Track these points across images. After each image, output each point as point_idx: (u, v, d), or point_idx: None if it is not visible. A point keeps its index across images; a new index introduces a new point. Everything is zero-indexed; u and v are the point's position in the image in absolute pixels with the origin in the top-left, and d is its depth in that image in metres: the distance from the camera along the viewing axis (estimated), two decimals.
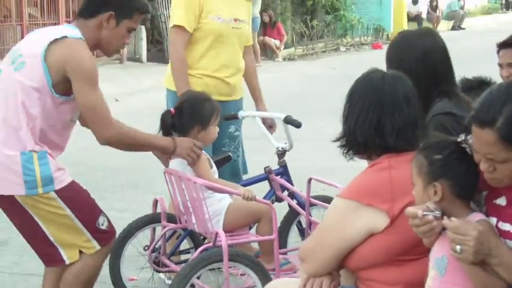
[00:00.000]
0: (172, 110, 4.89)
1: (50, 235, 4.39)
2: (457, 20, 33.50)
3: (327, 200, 5.05)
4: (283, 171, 5.54)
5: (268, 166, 5.56)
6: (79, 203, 4.42)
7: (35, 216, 4.35)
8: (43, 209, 4.33)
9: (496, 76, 5.14)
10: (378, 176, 3.36)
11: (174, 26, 5.62)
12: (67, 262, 4.45)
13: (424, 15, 31.69)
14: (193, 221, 4.80)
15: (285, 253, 5.38)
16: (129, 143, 4.56)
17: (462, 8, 34.42)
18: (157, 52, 20.56)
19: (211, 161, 4.97)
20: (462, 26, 33.41)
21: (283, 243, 5.53)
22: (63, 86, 4.30)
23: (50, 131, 4.38)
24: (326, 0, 25.36)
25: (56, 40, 4.30)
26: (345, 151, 3.55)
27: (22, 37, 15.97)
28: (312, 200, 5.13)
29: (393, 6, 27.87)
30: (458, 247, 2.89)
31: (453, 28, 32.92)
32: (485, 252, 2.89)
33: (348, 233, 3.32)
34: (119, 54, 19.22)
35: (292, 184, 5.51)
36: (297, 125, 5.41)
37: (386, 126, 3.40)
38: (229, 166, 5.74)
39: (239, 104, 5.93)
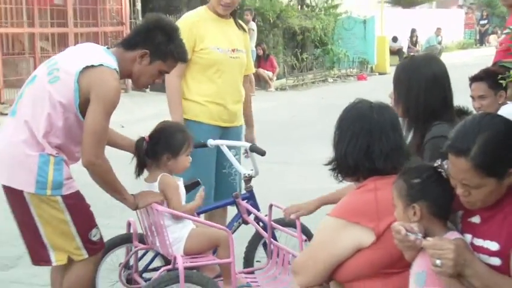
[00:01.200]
0: (146, 137, 4.80)
1: (44, 236, 4.38)
2: (435, 54, 33.50)
3: (287, 224, 5.08)
4: (250, 196, 5.43)
5: (236, 192, 5.49)
6: (79, 212, 4.42)
7: (36, 215, 4.34)
8: (45, 210, 4.33)
9: (471, 105, 5.17)
10: (364, 197, 3.39)
11: None
12: (54, 264, 4.45)
13: (405, 49, 31.73)
14: (157, 243, 4.76)
15: (252, 272, 5.31)
16: (106, 179, 4.40)
17: (440, 43, 34.44)
18: (160, 82, 20.49)
19: (182, 187, 4.87)
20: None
21: (250, 262, 5.50)
22: (85, 108, 4.27)
23: (69, 142, 4.39)
24: (315, 36, 25.35)
25: (93, 66, 4.28)
26: (336, 174, 3.58)
27: (35, 68, 16.02)
28: (273, 223, 5.12)
29: (376, 41, 27.90)
30: (438, 261, 2.91)
31: None
32: (462, 263, 2.91)
33: (338, 248, 3.36)
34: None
35: (257, 208, 5.41)
36: (261, 153, 5.36)
37: (375, 151, 3.44)
38: (228, 185, 5.73)
39: (239, 130, 5.91)
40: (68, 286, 4.53)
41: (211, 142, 5.41)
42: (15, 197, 4.36)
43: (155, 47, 4.45)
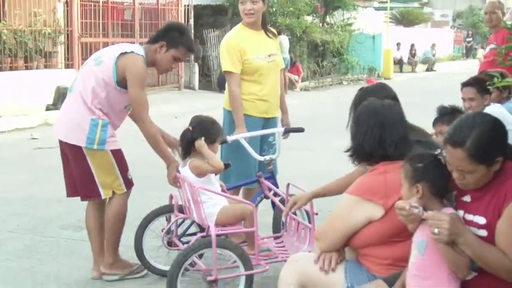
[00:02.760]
0: (190, 127, 4.79)
1: (96, 177, 4.87)
2: (430, 64, 33.25)
3: None
4: (271, 176, 5.34)
5: (260, 171, 5.35)
6: (121, 159, 4.93)
7: (90, 163, 4.83)
8: (98, 158, 4.83)
9: (461, 105, 5.12)
10: (376, 179, 3.36)
11: (225, 71, 5.59)
12: (103, 197, 4.95)
13: (405, 60, 31.59)
14: (194, 214, 4.72)
15: (275, 238, 5.19)
16: (150, 134, 4.82)
17: (434, 55, 34.22)
18: (206, 82, 20.56)
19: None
20: (434, 69, 33.15)
21: (277, 229, 5.38)
22: (123, 83, 4.77)
23: (111, 111, 4.86)
24: (333, 47, 25.28)
25: (125, 52, 4.80)
26: (353, 159, 3.56)
27: None
28: (289, 198, 4.95)
29: (383, 52, 27.82)
30: (436, 230, 2.90)
31: (427, 70, 32.70)
32: (456, 232, 2.89)
33: (353, 220, 3.33)
34: (177, 83, 19.36)
35: (277, 186, 5.30)
36: (299, 130, 5.59)
37: (387, 140, 3.41)
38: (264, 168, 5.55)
39: (278, 120, 5.85)
40: (113, 212, 4.97)
41: (228, 138, 5.24)
42: (74, 151, 4.84)
43: (170, 39, 4.90)
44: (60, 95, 14.03)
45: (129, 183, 4.99)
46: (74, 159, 4.88)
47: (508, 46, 3.13)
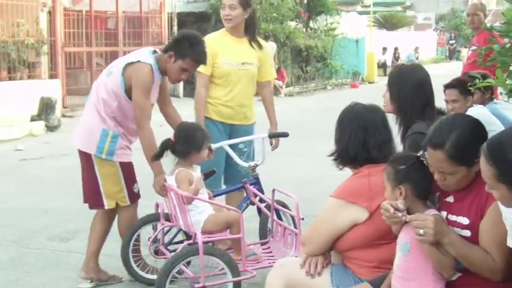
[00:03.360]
0: (172, 138, 4.79)
1: (101, 187, 4.96)
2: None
3: (284, 205, 5.09)
4: (256, 182, 5.34)
5: (245, 178, 5.35)
6: (128, 172, 5.00)
7: (97, 171, 4.94)
8: (106, 167, 4.93)
9: (444, 107, 5.13)
10: (360, 181, 3.37)
11: (197, 71, 5.52)
12: (106, 207, 5.01)
13: (389, 63, 31.69)
14: (181, 222, 4.71)
15: (262, 244, 5.18)
16: (149, 143, 4.83)
17: (417, 58, 34.35)
18: (190, 90, 20.50)
19: (198, 172, 4.83)
20: None
21: (264, 235, 5.34)
22: (131, 92, 4.82)
23: (125, 119, 4.93)
24: (317, 52, 25.29)
25: (132, 63, 4.85)
26: (338, 163, 3.58)
27: (91, 80, 16.17)
28: (275, 205, 5.01)
29: (366, 56, 27.87)
30: (421, 231, 2.91)
31: None
32: (440, 232, 2.91)
33: (337, 223, 3.34)
34: None
35: (262, 192, 5.29)
36: (284, 135, 5.63)
37: (371, 143, 3.43)
38: (238, 174, 5.54)
39: (249, 128, 5.80)
40: (124, 224, 5.08)
41: (212, 146, 5.19)
42: (85, 158, 4.98)
43: (178, 49, 4.86)
44: (44, 106, 13.99)
45: (134, 196, 5.06)
46: (84, 166, 5.03)
47: (488, 47, 3.15)
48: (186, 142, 4.75)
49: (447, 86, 5.73)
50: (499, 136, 2.72)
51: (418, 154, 3.16)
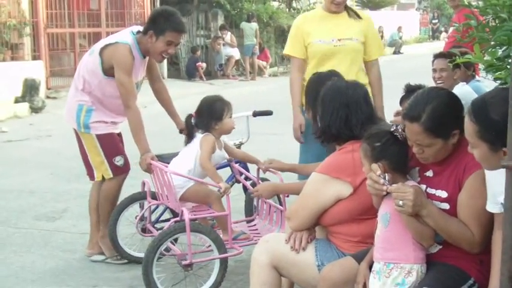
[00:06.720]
0: (193, 113, 4.82)
1: (90, 159, 5.19)
2: (397, 46, 33.41)
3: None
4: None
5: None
6: (106, 144, 5.13)
7: (84, 144, 5.19)
8: (87, 140, 5.15)
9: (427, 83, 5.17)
10: (344, 157, 3.42)
11: (285, 54, 5.50)
12: (96, 179, 5.23)
13: None
14: (167, 199, 4.74)
15: (247, 222, 5.22)
16: (135, 122, 4.97)
17: (401, 38, 34.38)
18: (175, 71, 20.51)
19: (222, 147, 4.87)
20: (401, 51, 33.35)
21: (249, 213, 5.42)
22: (111, 71, 4.98)
23: (107, 96, 5.09)
24: None
25: (110, 44, 5.01)
26: (321, 140, 3.62)
27: (75, 61, 16.10)
28: (260, 182, 4.98)
29: None
30: (400, 202, 2.96)
31: (394, 52, 32.84)
32: (419, 203, 2.96)
33: (322, 198, 3.40)
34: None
35: (247, 170, 5.31)
36: (268, 113, 5.76)
37: (353, 121, 3.47)
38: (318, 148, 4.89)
39: None
40: (102, 195, 5.21)
41: (233, 116, 5.08)
42: (74, 132, 5.23)
43: (156, 27, 4.96)
44: (28, 87, 13.94)
45: (116, 169, 5.16)
46: (77, 140, 5.27)
47: (466, 23, 3.21)
48: (206, 113, 4.77)
49: (437, 56, 5.85)
50: (483, 95, 2.81)
51: (392, 129, 3.19)
